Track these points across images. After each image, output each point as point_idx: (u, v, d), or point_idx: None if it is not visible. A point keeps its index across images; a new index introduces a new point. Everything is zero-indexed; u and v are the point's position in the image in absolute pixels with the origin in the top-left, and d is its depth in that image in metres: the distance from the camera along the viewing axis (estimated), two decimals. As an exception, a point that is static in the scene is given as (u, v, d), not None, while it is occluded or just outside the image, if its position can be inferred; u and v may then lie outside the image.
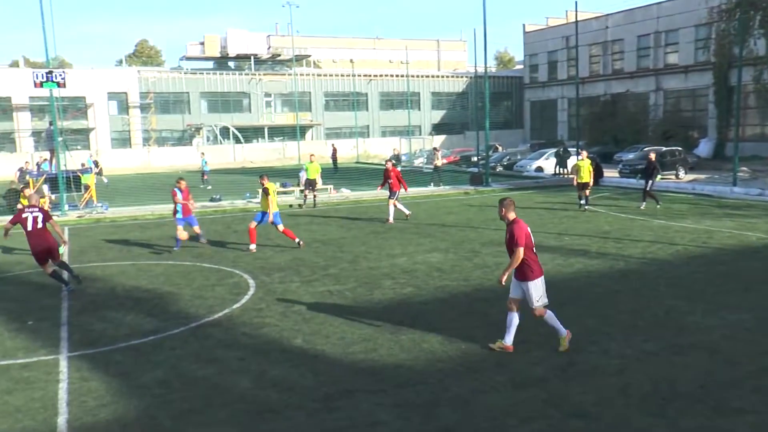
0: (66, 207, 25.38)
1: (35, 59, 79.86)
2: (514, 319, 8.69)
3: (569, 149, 37.83)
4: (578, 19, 36.58)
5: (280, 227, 16.63)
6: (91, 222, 23.65)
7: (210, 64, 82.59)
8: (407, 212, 20.85)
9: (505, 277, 8.60)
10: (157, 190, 34.05)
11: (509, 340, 8.70)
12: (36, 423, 7.14)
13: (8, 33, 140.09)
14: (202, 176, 36.92)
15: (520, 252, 8.40)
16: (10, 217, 14.14)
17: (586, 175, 21.72)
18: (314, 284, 12.79)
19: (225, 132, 66.24)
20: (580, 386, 7.54)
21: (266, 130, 69.95)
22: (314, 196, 25.73)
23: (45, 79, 25.24)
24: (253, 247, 16.53)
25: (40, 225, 12.94)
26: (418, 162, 48.35)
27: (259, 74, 71.86)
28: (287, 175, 35.33)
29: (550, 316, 8.72)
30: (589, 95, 57.04)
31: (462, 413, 6.97)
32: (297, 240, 16.73)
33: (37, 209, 13.09)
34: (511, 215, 8.62)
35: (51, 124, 28.41)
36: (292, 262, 14.95)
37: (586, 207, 21.75)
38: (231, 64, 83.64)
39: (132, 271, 14.75)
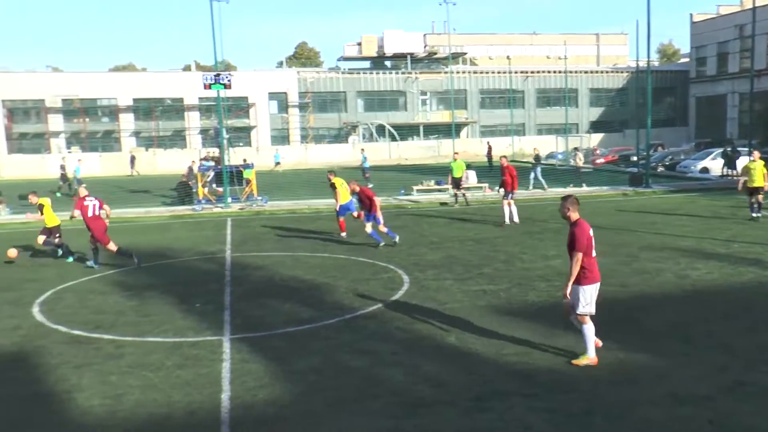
0: (229, 199, 26.92)
1: (204, 63, 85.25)
2: (590, 329, 8.30)
3: (738, 149, 35.24)
4: (756, 4, 33.80)
5: (341, 218, 18.41)
6: (252, 214, 24.95)
7: (366, 64, 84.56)
8: (515, 219, 20.10)
9: (568, 290, 8.15)
10: (314, 185, 35.29)
11: (592, 353, 8.28)
12: (202, 397, 7.63)
13: (182, 40, 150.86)
14: (364, 173, 36.39)
15: (579, 257, 8.00)
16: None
17: (759, 179, 19.63)
18: (468, 283, 12.73)
19: (381, 130, 67.59)
20: (751, 408, 6.95)
21: (421, 128, 70.70)
22: (463, 194, 25.70)
23: (213, 81, 26.99)
24: (343, 234, 18.29)
25: (97, 212, 15.34)
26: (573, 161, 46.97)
27: (415, 73, 72.74)
28: (442, 173, 35.36)
29: (589, 328, 8.18)
30: (765, 89, 52.81)
31: (617, 425, 6.66)
32: (343, 233, 18.18)
33: (94, 198, 15.46)
34: (575, 215, 8.18)
35: (218, 123, 30.28)
36: (446, 260, 14.98)
37: (759, 215, 19.81)
38: (387, 63, 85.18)
39: (289, 262, 15.38)
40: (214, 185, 28.51)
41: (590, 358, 8.19)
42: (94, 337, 10.02)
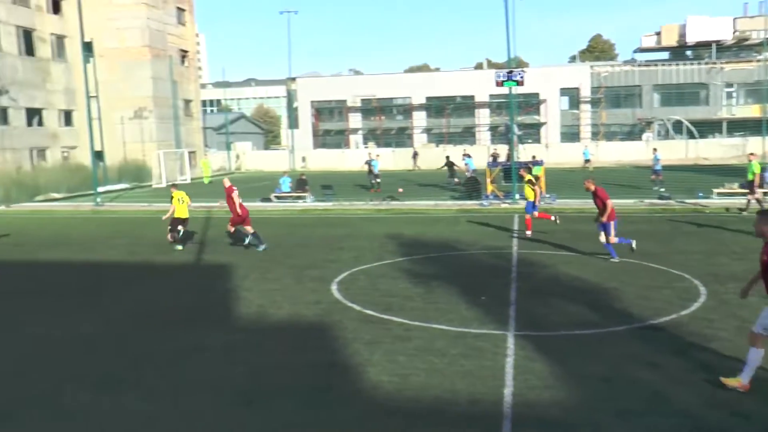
0: (517, 196, 27.02)
1: (496, 60, 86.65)
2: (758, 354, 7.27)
3: None
4: None
5: (527, 216, 19.22)
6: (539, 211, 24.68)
7: (665, 55, 79.59)
8: None
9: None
10: (606, 185, 33.79)
11: (746, 378, 7.31)
12: (485, 389, 7.77)
13: (474, 39, 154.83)
14: (652, 175, 33.10)
15: None
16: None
17: None
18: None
19: (678, 126, 63.08)
20: None
21: (724, 124, 64.66)
22: (748, 200, 23.18)
23: (506, 79, 27.32)
24: (528, 233, 18.85)
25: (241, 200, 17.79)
26: None
27: (720, 63, 66.75)
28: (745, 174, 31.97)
29: (756, 353, 7.34)
30: None
31: None
32: (553, 218, 19.17)
33: (236, 191, 17.84)
34: None
35: (509, 119, 30.63)
36: (751, 273, 13.43)
37: None
38: (688, 53, 79.31)
39: (576, 262, 15.03)
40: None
41: (741, 382, 7.32)
42: (385, 318, 10.74)
